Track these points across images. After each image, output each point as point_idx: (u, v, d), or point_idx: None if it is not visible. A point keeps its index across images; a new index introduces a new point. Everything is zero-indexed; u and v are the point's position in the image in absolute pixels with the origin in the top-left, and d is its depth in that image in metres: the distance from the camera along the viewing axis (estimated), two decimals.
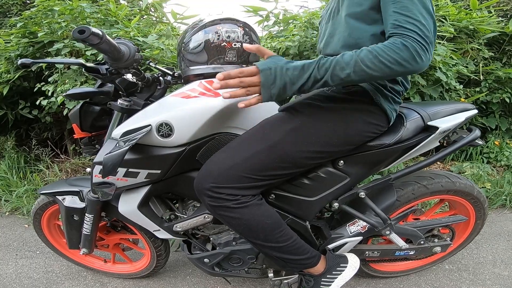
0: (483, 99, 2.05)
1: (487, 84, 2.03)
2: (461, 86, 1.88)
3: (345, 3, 0.74)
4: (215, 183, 0.72)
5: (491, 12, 2.12)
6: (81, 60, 0.78)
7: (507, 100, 2.00)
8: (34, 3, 1.93)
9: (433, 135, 0.83)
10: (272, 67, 0.63)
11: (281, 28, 2.07)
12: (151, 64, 0.94)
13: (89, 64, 0.79)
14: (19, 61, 0.72)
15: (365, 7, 0.70)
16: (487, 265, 1.31)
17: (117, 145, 0.73)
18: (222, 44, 0.81)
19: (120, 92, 0.87)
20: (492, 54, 2.05)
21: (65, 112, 1.79)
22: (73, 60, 0.79)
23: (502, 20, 2.16)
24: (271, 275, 0.98)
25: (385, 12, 0.66)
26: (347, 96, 0.76)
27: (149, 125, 0.76)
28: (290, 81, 0.63)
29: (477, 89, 2.04)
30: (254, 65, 0.64)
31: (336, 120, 0.74)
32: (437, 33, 1.82)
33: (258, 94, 0.64)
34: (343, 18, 0.75)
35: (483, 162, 2.10)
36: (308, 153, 0.73)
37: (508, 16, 2.47)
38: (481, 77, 1.99)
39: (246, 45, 0.66)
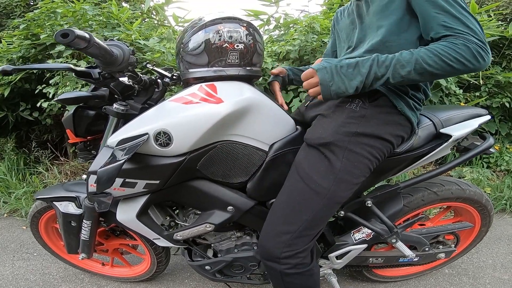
0: (483, 104, 2.05)
1: (486, 89, 2.03)
2: (461, 91, 1.88)
3: (373, 9, 0.73)
4: (291, 250, 0.73)
5: (491, 16, 2.13)
6: (70, 65, 0.72)
7: (507, 104, 2.00)
8: (38, 5, 1.95)
9: (445, 144, 0.80)
10: (327, 66, 0.66)
11: (282, 32, 2.08)
12: (148, 65, 0.91)
13: (79, 68, 0.72)
14: (0, 68, 0.64)
15: (397, 14, 0.69)
16: (487, 269, 1.30)
17: (113, 155, 0.69)
18: (224, 45, 0.76)
19: (115, 96, 0.81)
20: (492, 58, 2.05)
21: (65, 114, 1.79)
22: (61, 65, 0.72)
23: (501, 24, 2.16)
24: None
25: (425, 14, 0.65)
26: (376, 109, 0.73)
27: (146, 133, 0.71)
28: (347, 77, 0.64)
29: (477, 93, 2.04)
30: (311, 67, 0.67)
31: (372, 144, 0.72)
32: None
33: (319, 94, 0.67)
34: (374, 25, 0.73)
35: (483, 166, 2.10)
36: (355, 186, 0.73)
37: (508, 20, 2.47)
38: (481, 82, 2.00)
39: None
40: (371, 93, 0.73)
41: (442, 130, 0.81)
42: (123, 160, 0.65)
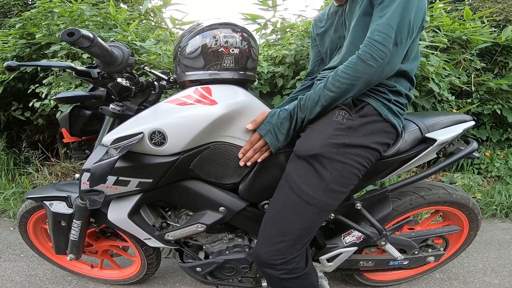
0: (474, 111, 2.08)
1: (478, 95, 2.07)
2: (453, 97, 1.92)
3: (352, 15, 0.76)
4: (285, 257, 0.76)
5: (484, 23, 2.17)
6: (71, 64, 0.74)
7: (498, 111, 2.04)
8: (35, 4, 1.94)
9: (431, 148, 0.82)
10: (270, 128, 0.75)
11: (279, 36, 2.10)
12: (146, 68, 0.92)
13: (79, 68, 0.74)
14: (5, 64, 0.67)
15: (359, 13, 0.72)
16: (477, 274, 1.31)
17: (107, 152, 0.70)
18: (220, 50, 0.78)
19: (112, 97, 0.83)
20: (484, 64, 2.09)
21: (58, 115, 1.77)
22: (62, 63, 0.74)
23: (494, 31, 2.20)
24: (264, 284, 0.97)
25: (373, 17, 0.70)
26: (363, 119, 0.74)
27: (141, 132, 0.72)
28: (287, 131, 0.75)
29: (469, 100, 2.07)
30: (256, 131, 0.76)
31: (360, 153, 0.74)
32: (431, 44, 1.83)
33: (268, 150, 0.77)
34: (351, 30, 0.77)
35: (474, 173, 2.13)
36: (344, 194, 0.76)
37: (501, 26, 2.53)
38: (473, 88, 2.03)
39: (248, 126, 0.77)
40: (356, 103, 0.75)
41: (427, 135, 0.83)
42: (117, 156, 0.65)
